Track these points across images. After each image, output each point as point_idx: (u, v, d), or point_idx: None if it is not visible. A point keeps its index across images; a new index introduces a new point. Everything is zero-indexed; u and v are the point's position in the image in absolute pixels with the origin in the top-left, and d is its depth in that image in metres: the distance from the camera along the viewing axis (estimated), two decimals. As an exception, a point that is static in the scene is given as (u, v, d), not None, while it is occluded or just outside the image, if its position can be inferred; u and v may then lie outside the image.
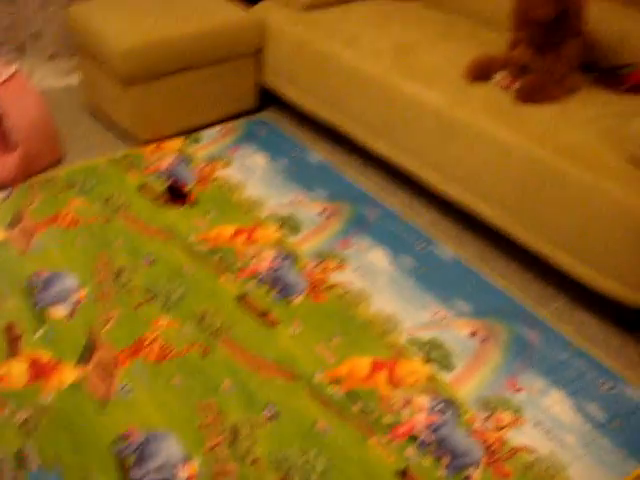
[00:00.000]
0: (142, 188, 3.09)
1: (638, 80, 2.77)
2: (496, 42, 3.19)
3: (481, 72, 2.84)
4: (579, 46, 2.79)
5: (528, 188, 2.51)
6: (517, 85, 2.73)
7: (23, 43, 3.94)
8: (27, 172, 3.11)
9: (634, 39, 2.87)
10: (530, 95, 2.68)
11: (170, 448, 1.99)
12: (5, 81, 3.09)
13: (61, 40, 4.03)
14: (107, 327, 2.37)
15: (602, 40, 2.97)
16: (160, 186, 3.10)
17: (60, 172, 3.18)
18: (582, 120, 2.56)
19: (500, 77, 2.79)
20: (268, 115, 3.80)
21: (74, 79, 4.07)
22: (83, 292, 2.51)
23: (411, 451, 2.03)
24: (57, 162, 3.26)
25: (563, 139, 2.47)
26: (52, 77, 4.05)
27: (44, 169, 3.20)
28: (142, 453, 1.97)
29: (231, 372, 2.23)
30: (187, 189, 3.06)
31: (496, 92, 2.76)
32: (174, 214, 2.93)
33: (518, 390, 2.24)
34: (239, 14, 3.52)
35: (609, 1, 3.01)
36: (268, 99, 3.87)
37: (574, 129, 2.52)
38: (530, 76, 2.72)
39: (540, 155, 2.45)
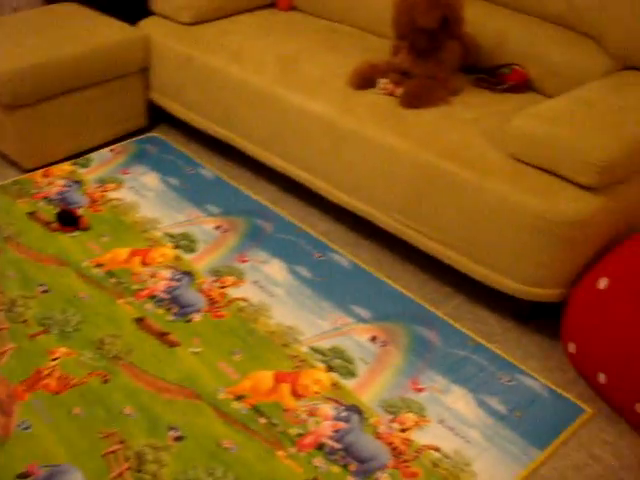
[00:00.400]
0: (32, 215, 3.02)
1: (516, 80, 2.86)
2: (379, 49, 3.24)
3: (364, 80, 2.87)
4: (459, 50, 2.86)
5: (418, 191, 2.56)
6: (400, 91, 2.78)
7: None
8: None
9: (511, 40, 2.96)
10: (414, 100, 2.73)
11: (73, 481, 1.95)
12: None
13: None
14: (2, 361, 2.30)
15: (481, 41, 3.05)
16: (51, 212, 3.03)
17: (-55, 204, 3.09)
18: (464, 121, 2.63)
19: (384, 84, 2.83)
20: (159, 133, 3.77)
21: (-44, 106, 3.95)
22: (-25, 327, 2.44)
23: (319, 460, 2.04)
24: (-59, 194, 3.17)
25: (447, 141, 2.53)
26: None
27: None
28: (44, 489, 1.93)
29: (133, 397, 2.20)
30: (79, 213, 3.00)
31: (381, 99, 2.80)
32: (67, 240, 2.87)
33: (420, 390, 2.28)
34: (122, 31, 3.48)
35: (488, 2, 3.09)
36: (158, 116, 3.83)
37: (457, 130, 2.58)
38: (413, 81, 2.77)
39: (426, 158, 2.50)
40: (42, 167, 3.37)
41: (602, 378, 2.17)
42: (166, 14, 3.60)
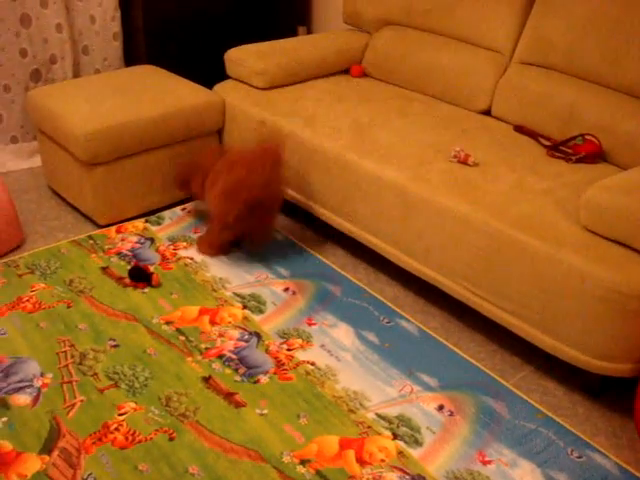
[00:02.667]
0: (105, 270, 3.08)
1: (588, 150, 2.85)
2: (450, 116, 3.27)
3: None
4: None
5: (488, 260, 2.55)
6: (474, 160, 2.80)
7: (-17, 128, 3.96)
8: (-12, 257, 3.10)
9: (584, 110, 2.96)
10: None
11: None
12: (-35, 167, 3.09)
13: (22, 123, 4.05)
14: (71, 414, 2.33)
15: (552, 113, 3.05)
16: (123, 268, 3.09)
17: (22, 256, 3.16)
18: (537, 191, 2.63)
19: (456, 152, 2.85)
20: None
21: (36, 161, 4.08)
22: (46, 378, 2.47)
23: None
24: (18, 246, 3.25)
25: (519, 210, 2.52)
26: (14, 160, 4.06)
27: (5, 253, 3.18)
28: None
29: (198, 456, 2.20)
30: (151, 270, 3.06)
31: (453, 166, 2.82)
32: (138, 296, 2.92)
33: (487, 463, 2.24)
34: (200, 94, 3.57)
35: (559, 72, 3.10)
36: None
37: (530, 200, 2.57)
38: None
39: (497, 227, 2.50)
40: (116, 223, 3.44)
41: (678, 459, 2.11)
42: (241, 78, 3.70)
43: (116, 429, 2.29)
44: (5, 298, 2.87)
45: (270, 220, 3.17)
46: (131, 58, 4.33)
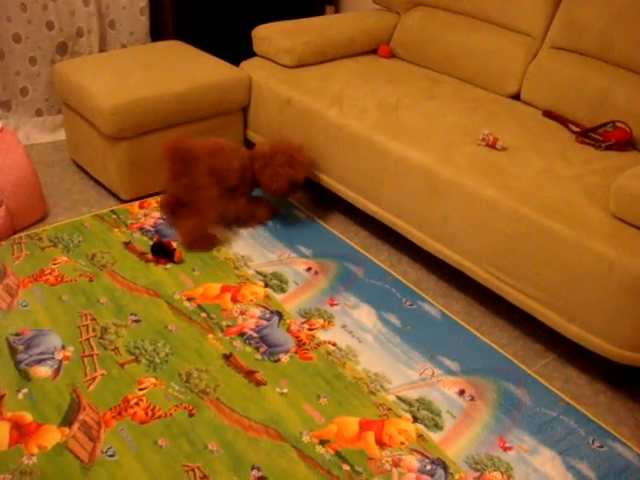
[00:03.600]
0: (128, 245, 3.08)
1: (619, 137, 2.81)
2: (477, 99, 3.24)
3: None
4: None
5: (513, 245, 2.52)
6: (502, 144, 2.77)
7: (9, 99, 3.95)
8: (11, 229, 3.09)
9: (615, 97, 2.91)
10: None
11: (156, 512, 1.95)
12: (-9, 138, 3.09)
13: (47, 96, 4.05)
14: (91, 387, 2.34)
15: (582, 99, 3.01)
16: (146, 243, 3.08)
17: (45, 229, 3.17)
18: (566, 177, 2.59)
19: (484, 135, 2.81)
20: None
21: (61, 135, 4.08)
22: (68, 351, 2.48)
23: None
24: (42, 218, 3.25)
25: (547, 196, 2.49)
26: (38, 133, 4.06)
27: (29, 226, 3.18)
28: (127, 518, 1.93)
29: (218, 433, 2.20)
30: (174, 246, 3.05)
31: (481, 150, 2.78)
32: (160, 271, 2.92)
33: (508, 449, 2.22)
34: (226, 71, 3.55)
35: (591, 58, 3.06)
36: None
37: (558, 186, 2.54)
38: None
39: (524, 212, 2.46)
40: (139, 199, 3.44)
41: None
42: (268, 56, 3.68)
43: (136, 404, 2.29)
44: (28, 270, 2.88)
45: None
46: (158, 33, 4.31)
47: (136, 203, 3.41)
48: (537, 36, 3.28)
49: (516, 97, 3.33)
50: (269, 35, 3.63)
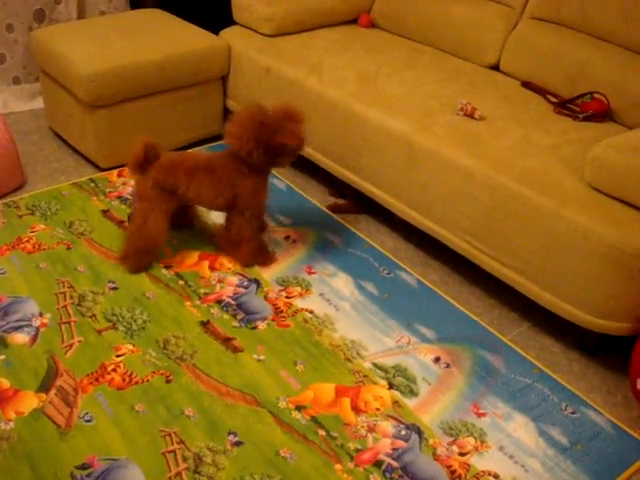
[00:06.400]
0: (106, 213, 3.07)
1: (596, 109, 2.82)
2: (457, 69, 3.24)
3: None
4: None
5: (490, 214, 2.53)
6: (480, 113, 2.77)
7: (-14, 67, 3.92)
8: (-12, 197, 3.08)
9: (593, 68, 2.92)
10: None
11: (132, 477, 1.96)
12: (-33, 105, 3.06)
13: (25, 64, 4.01)
14: (69, 354, 2.34)
15: (561, 70, 3.02)
16: (124, 211, 3.08)
17: (22, 197, 3.15)
18: (543, 147, 2.60)
19: (462, 105, 2.82)
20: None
21: (39, 103, 4.04)
22: (45, 318, 2.48)
23: (376, 477, 2.02)
24: (19, 187, 3.23)
25: (524, 165, 2.51)
26: (15, 101, 4.03)
27: (5, 194, 3.16)
28: (103, 482, 1.95)
29: (194, 399, 2.21)
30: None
31: (459, 119, 2.79)
32: (138, 239, 2.92)
33: (482, 415, 2.25)
34: (206, 39, 3.53)
35: (571, 29, 3.06)
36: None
37: (535, 156, 2.55)
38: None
39: (501, 181, 2.48)
40: (117, 167, 3.42)
41: (671, 417, 2.11)
42: (248, 25, 3.65)
43: (113, 370, 2.29)
44: (5, 238, 2.86)
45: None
46: (137, 1, 4.26)
47: (115, 171, 3.39)
48: (517, 7, 3.28)
49: (495, 67, 3.33)
50: (249, 3, 3.60)
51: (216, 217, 3.08)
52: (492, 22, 3.29)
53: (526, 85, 3.12)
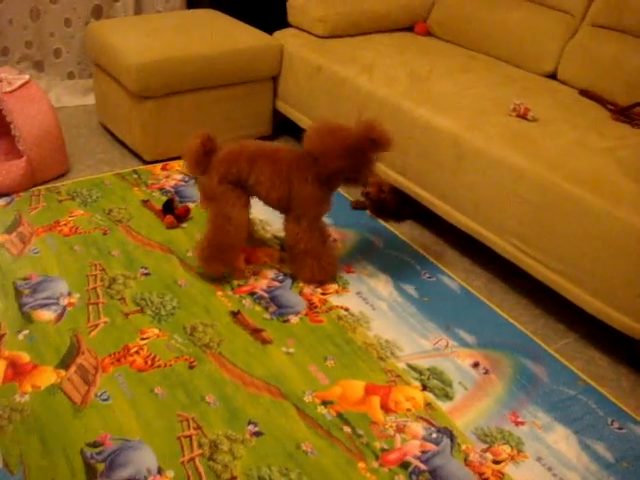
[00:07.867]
0: (146, 203, 3.03)
1: (654, 115, 2.70)
2: (513, 76, 3.14)
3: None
4: None
5: (540, 216, 2.41)
6: (533, 114, 2.66)
7: (42, 60, 3.93)
8: (32, 180, 3.06)
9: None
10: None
11: (143, 458, 1.87)
12: (16, 89, 3.05)
13: (80, 59, 4.02)
14: (93, 333, 2.27)
15: (622, 78, 2.89)
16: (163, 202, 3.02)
17: (65, 183, 3.13)
18: (598, 149, 2.48)
19: (515, 105, 2.71)
20: (281, 142, 3.73)
21: (90, 99, 4.04)
22: (73, 298, 2.42)
23: (401, 479, 1.90)
24: (63, 174, 3.22)
25: (577, 166, 2.38)
26: (68, 96, 4.04)
27: (49, 179, 3.14)
28: (113, 462, 1.86)
29: (216, 386, 2.12)
30: (185, 208, 2.96)
31: (511, 120, 2.68)
32: (176, 230, 2.86)
33: (520, 424, 2.11)
34: (258, 38, 3.49)
35: (633, 36, 2.94)
36: (283, 127, 3.81)
37: (589, 157, 2.43)
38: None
39: (553, 180, 2.36)
40: (162, 161, 3.38)
41: None
42: (302, 26, 3.61)
43: (136, 352, 2.22)
44: (43, 221, 2.84)
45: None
46: (193, 2, 4.26)
47: (159, 165, 3.36)
48: (577, 14, 3.17)
49: (552, 76, 3.21)
50: (304, 4, 3.56)
51: (256, 213, 3.00)
52: (551, 30, 3.19)
53: (584, 93, 3.00)
